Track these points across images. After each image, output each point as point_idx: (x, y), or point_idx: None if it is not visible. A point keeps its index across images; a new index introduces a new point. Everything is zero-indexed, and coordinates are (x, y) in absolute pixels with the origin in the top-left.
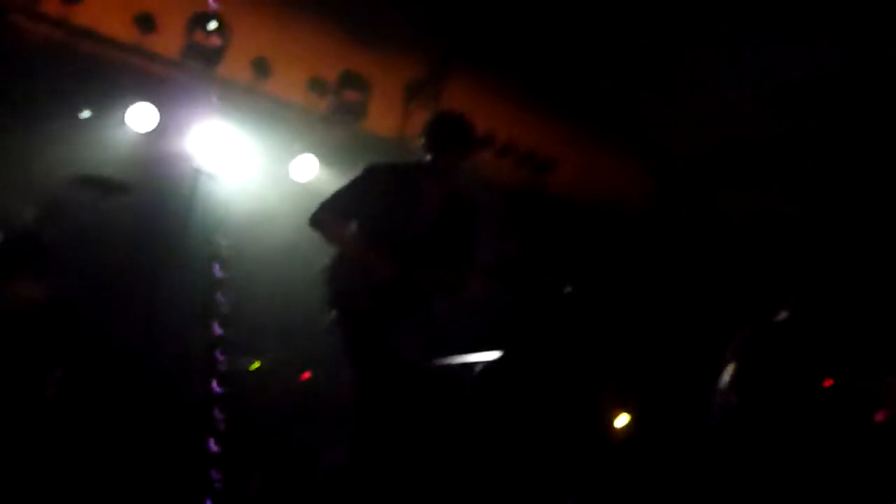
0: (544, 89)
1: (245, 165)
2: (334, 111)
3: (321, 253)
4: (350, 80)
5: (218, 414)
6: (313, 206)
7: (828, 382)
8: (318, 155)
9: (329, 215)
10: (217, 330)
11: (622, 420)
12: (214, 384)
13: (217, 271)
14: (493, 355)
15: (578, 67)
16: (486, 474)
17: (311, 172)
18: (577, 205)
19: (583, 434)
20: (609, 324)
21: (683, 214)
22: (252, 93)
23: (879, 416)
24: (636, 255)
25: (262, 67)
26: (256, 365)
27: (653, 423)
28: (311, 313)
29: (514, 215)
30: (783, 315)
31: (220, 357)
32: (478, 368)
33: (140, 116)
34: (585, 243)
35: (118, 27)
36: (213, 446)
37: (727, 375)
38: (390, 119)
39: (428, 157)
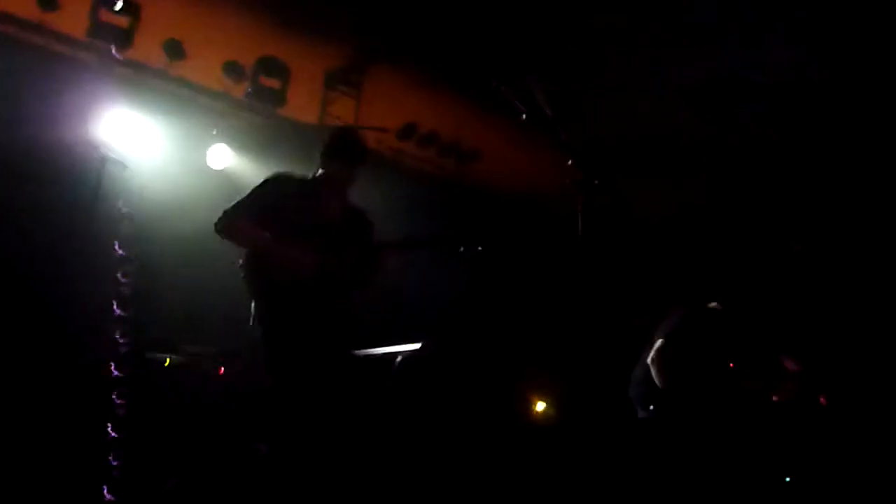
0: (467, 80)
1: (158, 152)
2: (251, 97)
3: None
4: (268, 65)
5: (117, 399)
6: (231, 193)
7: (731, 364)
8: (234, 142)
9: (238, 221)
10: (118, 311)
11: (540, 406)
12: (113, 367)
13: (118, 249)
14: (415, 345)
15: (500, 60)
16: (407, 461)
17: (227, 160)
18: (499, 195)
19: (502, 419)
20: (530, 313)
21: (598, 206)
22: (164, 76)
23: (776, 397)
24: (556, 243)
25: (174, 50)
26: (168, 361)
27: (574, 408)
28: (230, 305)
29: (438, 204)
30: (712, 304)
31: (121, 339)
32: (400, 358)
33: (44, 99)
34: (506, 230)
35: (18, 3)
36: (111, 432)
37: (652, 351)
38: (310, 106)
39: (320, 171)
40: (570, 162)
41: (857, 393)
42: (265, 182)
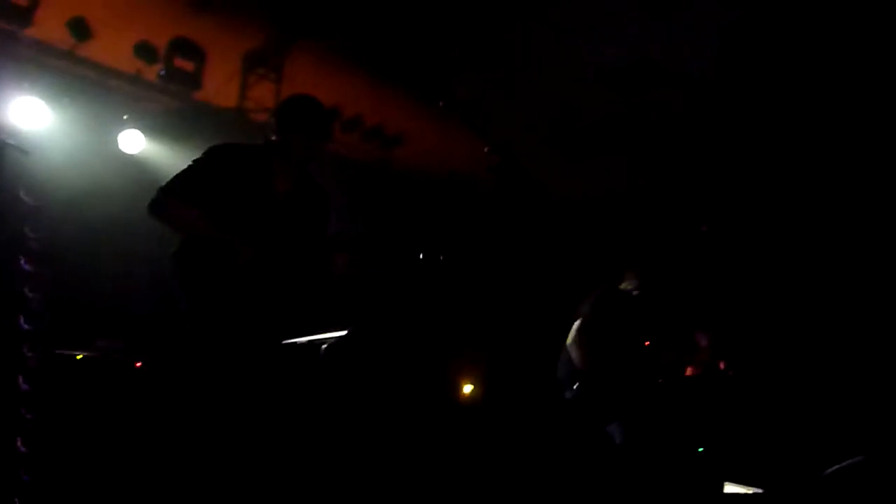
0: (389, 64)
1: (64, 138)
2: (165, 80)
3: (156, 229)
4: (182, 46)
5: (26, 413)
6: (145, 179)
7: (646, 342)
8: (148, 127)
9: (173, 201)
10: (24, 325)
11: (468, 388)
12: (21, 381)
13: (24, 265)
14: (341, 331)
15: (422, 44)
16: (337, 447)
17: (140, 145)
18: (424, 179)
19: (430, 402)
20: (457, 294)
21: (519, 190)
22: (70, 58)
23: (688, 371)
24: (480, 227)
25: (80, 29)
26: (80, 356)
27: (502, 387)
28: (147, 295)
29: (364, 189)
30: (627, 283)
31: (29, 354)
32: (326, 345)
33: None
34: (433, 216)
35: None
36: (21, 446)
37: (570, 333)
38: (228, 90)
39: (274, 139)
40: (486, 149)
41: (760, 363)
42: (206, 154)
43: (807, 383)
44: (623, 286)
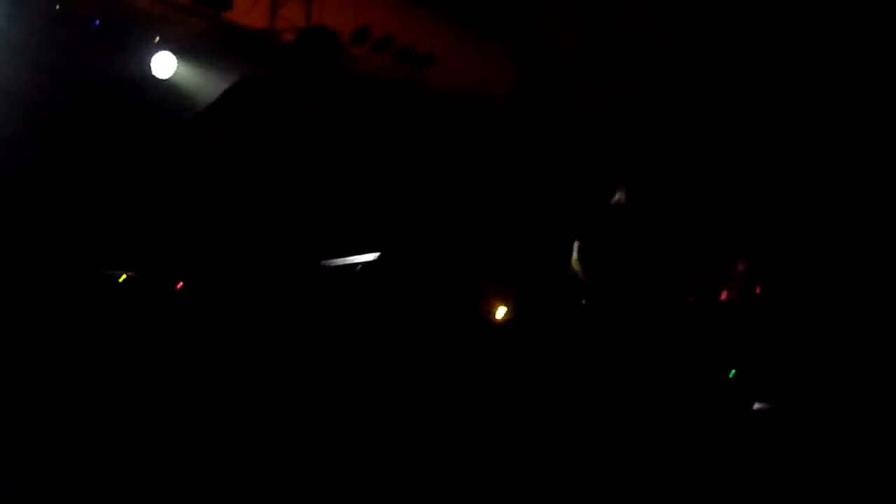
0: None
1: (93, 64)
2: (195, 1)
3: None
4: None
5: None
6: (177, 103)
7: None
8: (178, 49)
9: (202, 133)
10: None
11: (500, 312)
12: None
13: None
14: (371, 255)
15: None
16: (370, 372)
17: (172, 68)
18: (455, 102)
19: (463, 324)
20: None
21: (543, 107)
22: None
23: (723, 297)
24: (502, 150)
25: None
26: (124, 277)
27: (529, 310)
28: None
29: (394, 111)
30: (617, 197)
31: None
32: (358, 268)
33: None
34: (458, 139)
35: None
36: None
37: (574, 252)
38: (258, 9)
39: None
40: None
41: (798, 288)
42: (233, 86)
43: (841, 312)
44: (615, 199)
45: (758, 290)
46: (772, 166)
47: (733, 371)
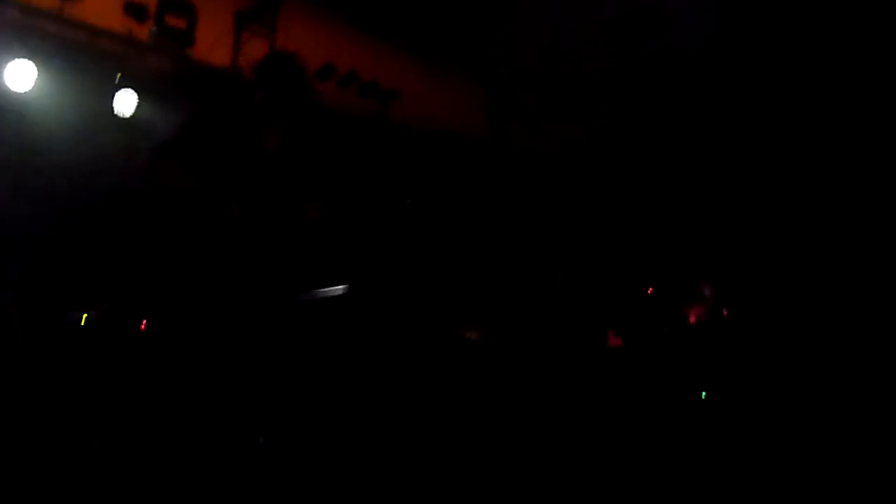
0: (383, 18)
1: (56, 100)
2: (156, 38)
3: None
4: (173, 3)
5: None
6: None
7: (649, 290)
8: (140, 87)
9: (166, 163)
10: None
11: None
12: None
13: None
14: (337, 286)
15: None
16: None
17: (133, 105)
18: (419, 133)
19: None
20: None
21: (512, 144)
22: (58, 19)
23: (691, 318)
24: (471, 180)
25: None
26: (85, 317)
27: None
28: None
29: (360, 145)
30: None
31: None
32: (325, 299)
33: None
34: (427, 169)
35: None
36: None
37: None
38: (221, 47)
39: (258, 96)
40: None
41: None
42: (195, 115)
43: (810, 331)
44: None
45: (725, 314)
46: (734, 193)
47: (704, 393)
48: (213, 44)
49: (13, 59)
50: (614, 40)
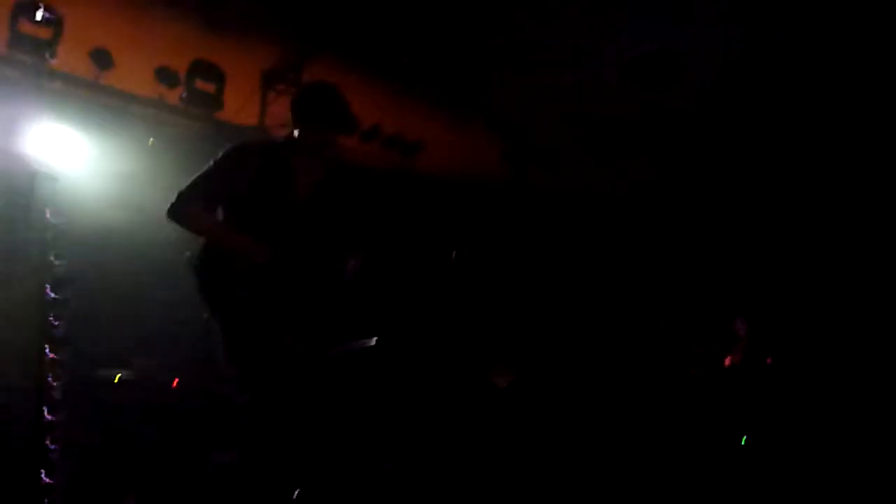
0: (404, 72)
1: (92, 164)
2: (187, 102)
3: (185, 249)
4: (202, 68)
5: (50, 444)
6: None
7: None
8: (173, 149)
9: (191, 205)
10: (49, 354)
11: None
12: (46, 412)
13: (50, 293)
14: (368, 340)
15: (436, 48)
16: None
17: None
18: (445, 183)
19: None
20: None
21: (535, 189)
22: (95, 87)
23: (727, 363)
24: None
25: (103, 59)
26: (118, 378)
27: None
28: (177, 316)
29: (386, 197)
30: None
31: (53, 383)
32: (355, 354)
33: None
34: (455, 219)
35: None
36: (45, 478)
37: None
38: (248, 108)
39: (296, 133)
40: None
41: (803, 353)
42: (225, 154)
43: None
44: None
45: (769, 361)
46: (759, 231)
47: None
48: (241, 105)
49: (52, 124)
50: (632, 84)
